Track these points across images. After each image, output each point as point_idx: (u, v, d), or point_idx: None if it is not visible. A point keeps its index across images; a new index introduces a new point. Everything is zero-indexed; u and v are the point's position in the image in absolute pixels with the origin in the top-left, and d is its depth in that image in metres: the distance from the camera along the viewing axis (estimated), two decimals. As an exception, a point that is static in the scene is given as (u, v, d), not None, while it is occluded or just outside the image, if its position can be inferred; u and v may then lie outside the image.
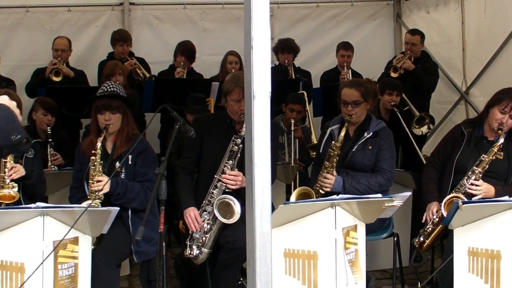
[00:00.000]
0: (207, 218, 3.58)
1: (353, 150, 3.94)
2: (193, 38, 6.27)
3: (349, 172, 3.94)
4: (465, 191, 3.66)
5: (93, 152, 3.62)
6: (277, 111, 5.31)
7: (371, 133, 3.94)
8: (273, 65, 6.12)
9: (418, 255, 4.15)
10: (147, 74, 5.99)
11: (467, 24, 6.32)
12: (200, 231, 3.57)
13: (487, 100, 3.88)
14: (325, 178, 3.89)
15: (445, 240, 3.80)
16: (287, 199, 4.18)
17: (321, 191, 3.90)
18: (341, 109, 4.00)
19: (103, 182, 3.50)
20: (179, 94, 5.21)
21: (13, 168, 3.63)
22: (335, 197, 3.14)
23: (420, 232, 3.80)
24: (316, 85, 6.19)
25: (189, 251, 3.58)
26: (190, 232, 3.61)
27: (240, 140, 3.59)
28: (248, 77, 1.92)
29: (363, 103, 3.94)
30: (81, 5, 6.79)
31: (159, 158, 3.35)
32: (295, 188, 4.52)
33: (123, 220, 3.59)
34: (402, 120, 5.10)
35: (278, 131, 5.13)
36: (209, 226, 3.56)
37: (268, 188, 1.93)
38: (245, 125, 2.97)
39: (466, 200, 3.44)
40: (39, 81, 5.65)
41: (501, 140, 3.65)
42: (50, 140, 4.61)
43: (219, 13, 7.07)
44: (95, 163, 3.60)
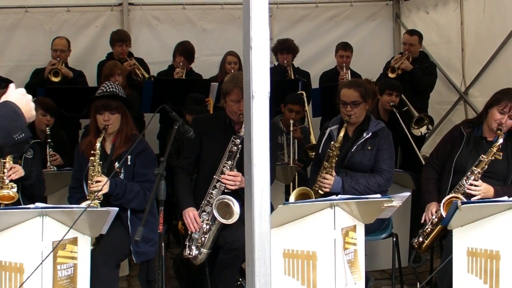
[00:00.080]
0: (206, 219, 3.58)
1: (352, 150, 3.93)
2: (192, 39, 6.26)
3: (348, 173, 3.93)
4: (464, 192, 3.66)
5: (92, 152, 3.61)
6: (276, 111, 5.30)
7: (370, 134, 3.93)
8: (272, 65, 6.11)
9: (417, 256, 4.16)
10: (146, 75, 5.98)
11: (466, 25, 6.31)
12: (199, 232, 3.57)
13: (486, 101, 3.87)
14: (324, 178, 3.88)
15: (444, 240, 3.80)
16: (286, 199, 4.18)
17: (320, 191, 3.90)
18: (340, 109, 3.99)
19: (102, 182, 3.50)
20: (178, 94, 5.20)
21: (12, 168, 3.63)
22: (334, 197, 3.14)
23: (419, 233, 3.80)
24: (315, 85, 6.19)
25: (188, 252, 3.57)
26: (189, 233, 3.60)
27: (239, 141, 3.58)
28: (247, 78, 1.92)
29: (362, 104, 3.94)
30: (80, 6, 6.79)
31: (158, 159, 3.34)
32: (294, 188, 4.53)
33: (122, 220, 3.59)
34: (401, 120, 5.10)
35: (277, 131, 5.12)
36: (208, 227, 3.56)
37: (267, 188, 1.93)
38: (244, 125, 2.96)
39: (465, 201, 3.43)
40: (38, 82, 5.64)
41: (500, 141, 3.65)
42: (49, 140, 4.59)
43: (218, 13, 7.06)
44: (94, 164, 3.60)
